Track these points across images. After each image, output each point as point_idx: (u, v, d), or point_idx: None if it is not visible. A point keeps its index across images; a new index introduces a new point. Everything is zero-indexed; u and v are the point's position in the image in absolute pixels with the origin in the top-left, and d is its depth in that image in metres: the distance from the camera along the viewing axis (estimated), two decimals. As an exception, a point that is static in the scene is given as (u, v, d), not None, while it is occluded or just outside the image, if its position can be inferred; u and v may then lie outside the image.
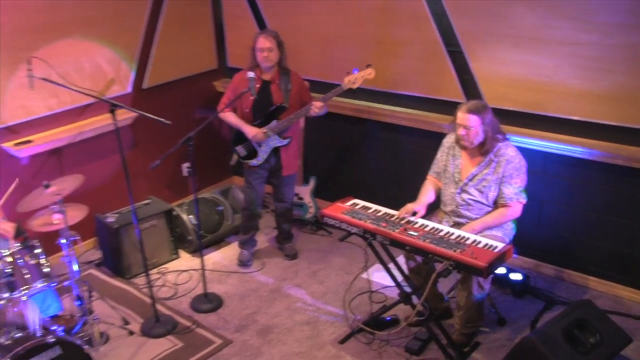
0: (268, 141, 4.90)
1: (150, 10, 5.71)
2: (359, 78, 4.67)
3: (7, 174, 5.05)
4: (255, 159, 4.98)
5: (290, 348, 4.31)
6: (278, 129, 4.85)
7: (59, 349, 3.59)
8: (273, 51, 4.76)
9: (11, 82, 4.93)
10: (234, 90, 4.95)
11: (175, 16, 5.87)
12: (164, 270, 5.42)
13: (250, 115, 4.91)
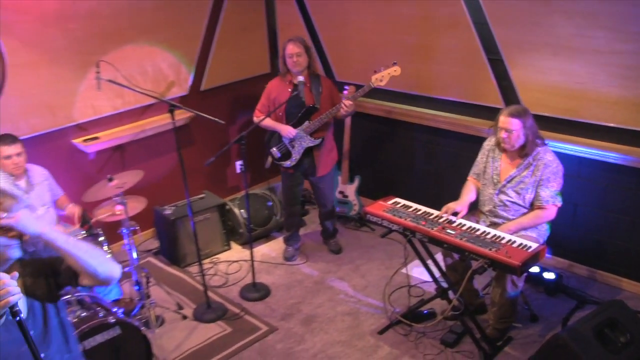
0: (301, 141, 4.92)
1: (209, 18, 5.79)
2: (385, 75, 4.66)
3: (76, 167, 5.21)
4: (289, 160, 5.01)
5: (331, 337, 4.33)
6: (310, 129, 4.87)
7: (118, 329, 3.66)
8: (302, 56, 4.77)
9: (82, 84, 5.07)
10: (268, 96, 4.99)
11: (231, 23, 5.94)
12: (216, 260, 5.50)
13: (284, 117, 4.95)
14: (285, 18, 6.18)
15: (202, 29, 5.78)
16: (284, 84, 4.90)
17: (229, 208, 5.68)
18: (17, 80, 4.73)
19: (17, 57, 4.69)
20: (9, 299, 1.87)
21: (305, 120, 4.87)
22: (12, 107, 4.75)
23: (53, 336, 2.24)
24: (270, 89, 5.01)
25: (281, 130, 4.91)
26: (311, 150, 4.99)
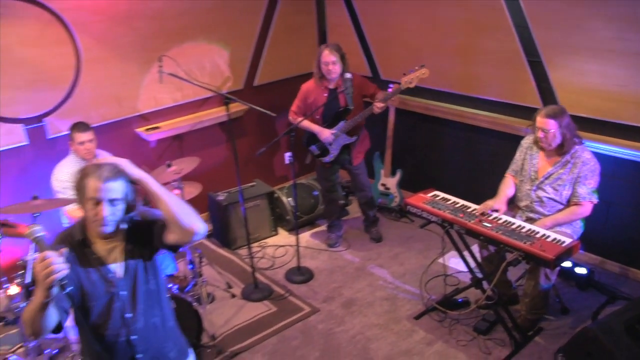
0: (338, 140, 4.94)
1: (263, 19, 5.85)
2: (414, 78, 4.66)
3: (138, 154, 5.33)
4: (328, 156, 5.04)
5: (369, 320, 4.35)
6: (346, 128, 4.89)
7: (172, 303, 3.74)
8: (336, 64, 4.73)
9: (146, 78, 5.19)
10: (304, 99, 4.98)
11: (284, 24, 5.99)
12: (264, 244, 5.57)
13: (321, 120, 4.96)
14: (335, 19, 6.19)
15: (257, 28, 5.84)
16: (319, 89, 4.90)
17: (277, 196, 5.74)
18: (90, 74, 4.88)
19: (91, 53, 4.84)
20: (54, 276, 1.95)
21: (341, 120, 4.89)
22: (85, 98, 4.91)
23: (140, 299, 2.33)
24: (306, 92, 4.99)
25: (319, 133, 4.94)
26: (348, 146, 5.02)
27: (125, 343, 2.33)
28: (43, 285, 1.96)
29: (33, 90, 4.64)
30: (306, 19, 6.23)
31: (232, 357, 4.05)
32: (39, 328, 2.08)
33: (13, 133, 4.65)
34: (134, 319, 2.33)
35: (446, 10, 5.08)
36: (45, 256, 1.96)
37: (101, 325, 2.29)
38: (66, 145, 4.42)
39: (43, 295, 1.99)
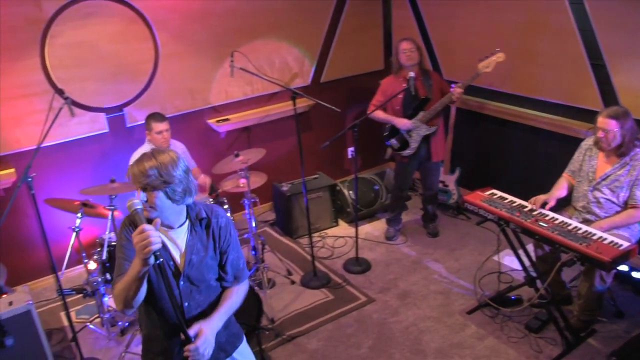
0: (418, 130, 4.91)
1: (331, 18, 5.89)
2: (491, 62, 4.59)
3: (209, 143, 5.48)
4: (408, 148, 5.00)
5: (423, 312, 4.35)
6: (426, 118, 4.85)
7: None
8: (414, 51, 4.79)
9: (218, 73, 5.33)
10: (383, 92, 4.99)
11: (351, 23, 6.00)
12: (324, 235, 5.62)
13: (401, 110, 4.94)
14: (400, 20, 6.15)
15: (325, 27, 5.89)
16: (397, 81, 4.91)
17: (339, 189, 5.77)
18: (166, 67, 5.06)
19: (168, 49, 5.02)
20: (151, 247, 2.03)
21: (420, 110, 4.86)
22: (161, 90, 5.10)
23: (198, 294, 2.39)
24: (385, 86, 5.02)
25: (396, 122, 4.93)
26: (427, 138, 4.98)
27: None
28: (141, 255, 2.05)
29: (115, 82, 4.86)
30: (372, 20, 6.23)
31: (289, 341, 4.12)
32: (131, 301, 2.17)
33: (96, 121, 4.89)
34: (190, 308, 2.38)
35: (510, 13, 4.97)
36: (143, 229, 2.04)
37: (161, 309, 2.35)
38: (142, 133, 4.61)
39: (141, 265, 2.07)
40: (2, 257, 4.42)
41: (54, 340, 4.36)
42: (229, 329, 2.56)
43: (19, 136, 4.56)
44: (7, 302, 3.72)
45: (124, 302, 2.19)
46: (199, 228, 2.39)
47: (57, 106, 4.10)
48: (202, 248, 2.38)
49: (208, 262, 2.39)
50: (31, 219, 4.78)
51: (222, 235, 2.43)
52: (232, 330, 2.60)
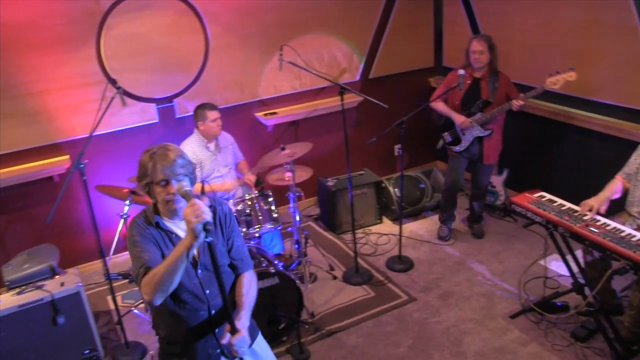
0: (472, 130, 4.79)
1: (381, 14, 5.81)
2: (560, 80, 4.37)
3: (256, 136, 5.50)
4: (459, 145, 4.90)
5: (465, 314, 4.24)
6: (482, 120, 4.72)
7: (277, 279, 3.85)
8: (484, 54, 4.63)
9: (267, 66, 5.33)
10: (447, 85, 4.87)
11: (401, 20, 5.90)
12: (368, 232, 5.56)
13: (459, 107, 4.83)
14: (451, 17, 6.01)
15: (375, 23, 5.81)
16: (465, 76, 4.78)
17: (384, 186, 5.70)
18: (216, 60, 5.09)
19: (218, 41, 5.05)
20: (203, 217, 2.07)
21: (479, 111, 4.74)
22: (210, 82, 5.14)
23: (213, 279, 2.39)
24: (450, 78, 4.90)
25: (455, 118, 4.83)
26: (481, 139, 4.86)
27: (207, 317, 2.42)
28: (191, 225, 2.07)
29: (166, 74, 4.92)
30: (423, 16, 6.11)
31: (329, 336, 4.09)
32: (169, 285, 2.15)
33: (147, 112, 4.97)
34: (212, 295, 2.41)
35: (567, 11, 4.78)
36: (194, 202, 2.09)
37: (184, 302, 2.36)
38: (191, 124, 4.65)
39: (190, 240, 2.10)
40: (55, 240, 4.54)
41: (100, 322, 4.46)
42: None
43: (74, 124, 4.67)
44: (59, 282, 3.87)
45: (160, 287, 2.16)
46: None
47: (109, 96, 4.19)
48: (212, 235, 2.38)
49: (220, 248, 2.45)
50: (82, 205, 4.90)
51: (227, 221, 2.50)
52: (251, 322, 2.63)
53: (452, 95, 4.85)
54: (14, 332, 3.70)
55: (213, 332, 2.45)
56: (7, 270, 3.94)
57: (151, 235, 2.31)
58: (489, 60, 4.68)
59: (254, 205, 4.29)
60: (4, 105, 4.42)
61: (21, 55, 4.37)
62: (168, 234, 2.35)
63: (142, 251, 2.26)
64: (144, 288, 2.19)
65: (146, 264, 2.22)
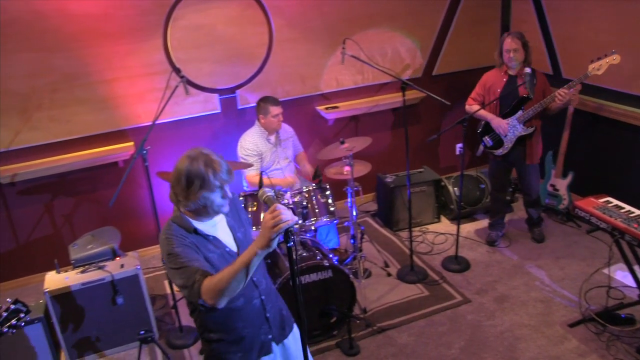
0: (514, 130, 4.60)
1: (447, 10, 5.67)
2: (603, 64, 4.18)
3: (316, 130, 5.48)
4: (501, 148, 4.71)
5: (520, 319, 4.08)
6: (523, 118, 4.53)
7: (330, 272, 3.83)
8: (518, 52, 4.45)
9: (330, 60, 5.30)
10: (483, 85, 4.73)
11: (467, 16, 5.74)
12: (425, 230, 5.46)
13: (498, 106, 4.66)
14: (520, 14, 5.79)
15: (440, 19, 5.68)
16: (499, 75, 4.65)
17: (443, 184, 5.58)
18: (280, 53, 5.10)
19: (282, 34, 5.05)
20: (283, 224, 1.96)
21: (519, 109, 4.56)
22: (273, 74, 5.15)
23: (261, 265, 2.45)
24: (485, 79, 4.77)
25: (492, 121, 4.65)
26: (523, 139, 4.67)
27: (260, 304, 2.43)
28: (269, 233, 1.98)
29: (230, 65, 4.97)
30: (490, 13, 5.91)
31: (379, 332, 4.04)
32: (236, 290, 2.10)
33: (209, 102, 5.03)
34: (259, 281, 2.44)
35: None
36: (276, 207, 2.00)
37: (241, 294, 2.32)
38: (253, 116, 4.68)
39: (263, 244, 2.00)
40: (117, 223, 4.68)
41: (157, 305, 4.56)
42: (285, 304, 2.67)
43: (139, 112, 4.78)
44: (119, 264, 4.00)
45: (228, 293, 2.10)
46: (230, 207, 2.43)
47: (173, 85, 4.25)
48: (239, 224, 2.48)
49: (249, 233, 2.50)
50: (144, 190, 5.03)
51: (237, 203, 2.56)
52: (286, 305, 2.69)
53: (490, 96, 4.67)
54: (78, 308, 3.87)
55: (266, 318, 2.46)
56: (73, 249, 4.10)
57: (191, 243, 2.27)
58: (523, 57, 4.50)
59: (311, 197, 4.27)
60: (78, 92, 4.59)
61: (94, 44, 4.51)
62: (206, 237, 2.33)
63: (190, 260, 2.20)
64: (208, 294, 2.11)
65: (201, 270, 2.16)
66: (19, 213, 4.78)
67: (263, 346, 2.47)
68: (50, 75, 4.47)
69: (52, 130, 4.62)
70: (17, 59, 4.34)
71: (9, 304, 2.32)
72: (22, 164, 4.62)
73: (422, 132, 5.71)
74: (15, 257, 4.86)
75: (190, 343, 4.08)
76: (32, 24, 4.30)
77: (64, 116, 4.60)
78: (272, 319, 2.48)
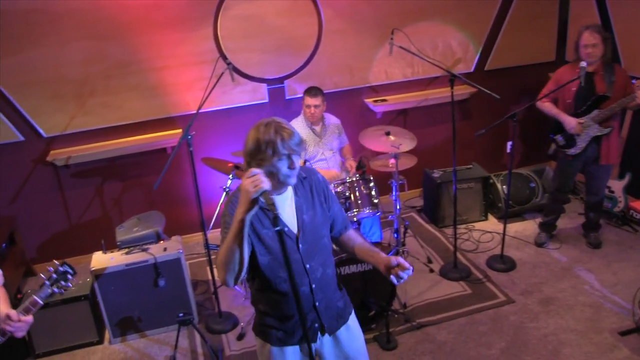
0: (588, 130, 4.32)
1: (501, 4, 5.46)
2: None
3: (364, 123, 5.38)
4: (574, 147, 4.45)
5: (567, 323, 3.89)
6: (599, 118, 4.25)
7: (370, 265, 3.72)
8: (597, 47, 4.12)
9: (379, 52, 5.20)
10: (557, 82, 4.41)
11: (523, 9, 5.51)
12: (471, 228, 5.30)
13: (572, 105, 4.37)
14: (579, 8, 5.53)
15: (494, 12, 5.48)
16: (573, 71, 4.31)
17: (492, 182, 5.40)
18: (329, 44, 5.04)
19: (332, 25, 4.99)
20: (261, 185, 2.00)
21: (595, 108, 4.26)
22: (321, 65, 5.10)
23: (317, 253, 2.37)
24: (559, 75, 4.46)
25: (564, 120, 4.38)
26: (598, 139, 4.37)
27: (309, 292, 2.36)
28: (248, 195, 2.02)
29: (278, 55, 4.95)
30: (547, 7, 5.65)
31: (418, 328, 3.94)
32: (233, 264, 2.12)
33: (257, 91, 5.02)
34: (313, 269, 2.35)
35: None
36: (252, 172, 2.04)
37: (285, 276, 2.31)
38: (299, 106, 4.64)
39: (246, 208, 2.04)
40: (163, 208, 4.74)
41: (198, 290, 4.59)
42: (345, 297, 2.57)
43: (188, 100, 4.82)
44: (163, 247, 4.05)
45: (225, 267, 2.13)
46: (302, 188, 2.39)
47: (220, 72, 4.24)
48: (309, 206, 2.38)
49: (319, 218, 2.40)
50: (189, 177, 5.07)
51: (323, 188, 2.46)
52: (346, 297, 2.59)
53: (564, 93, 4.39)
54: (121, 288, 3.94)
55: (314, 306, 2.40)
56: (120, 231, 4.18)
57: None
58: (602, 53, 4.18)
59: (354, 188, 4.19)
60: (129, 79, 4.66)
61: (146, 33, 4.57)
62: (266, 212, 2.28)
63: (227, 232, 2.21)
64: (217, 270, 2.18)
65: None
66: (72, 194, 4.91)
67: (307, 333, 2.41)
68: (104, 62, 4.56)
69: (105, 116, 4.71)
70: (73, 47, 4.45)
71: (57, 266, 2.38)
72: (76, 148, 4.75)
73: (473, 128, 5.51)
74: (67, 237, 5.01)
75: (229, 329, 4.08)
76: (87, 14, 4.40)
77: (115, 102, 4.69)
78: (321, 309, 2.41)
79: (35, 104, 4.54)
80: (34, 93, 4.49)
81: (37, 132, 4.65)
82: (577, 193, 5.65)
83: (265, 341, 2.45)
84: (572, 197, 5.60)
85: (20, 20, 4.27)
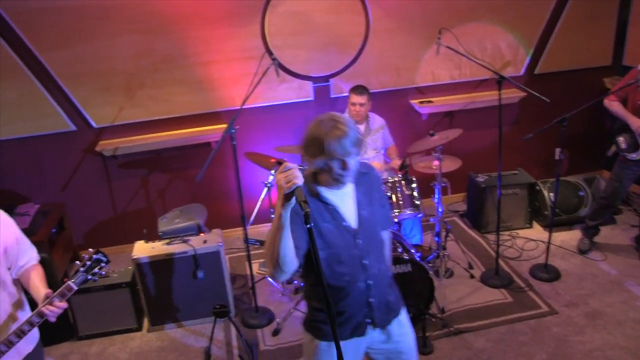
0: None
1: (556, 3, 5.25)
2: None
3: (409, 124, 5.31)
4: (636, 152, 4.22)
5: (614, 339, 3.68)
6: None
7: (409, 267, 3.67)
8: None
9: (427, 53, 5.09)
10: (627, 79, 4.19)
11: (578, 10, 5.28)
12: (515, 235, 5.12)
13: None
14: (641, 8, 5.27)
15: (547, 13, 5.27)
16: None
17: (538, 189, 5.21)
18: (376, 43, 4.96)
19: (379, 24, 4.90)
20: (294, 180, 1.91)
21: None
22: (368, 64, 5.02)
23: (374, 248, 2.33)
24: (632, 74, 4.19)
25: (632, 123, 4.16)
26: None
27: (365, 287, 2.32)
28: (282, 190, 1.95)
29: (325, 53, 4.90)
30: (605, 7, 5.39)
31: (456, 334, 3.82)
32: (277, 259, 2.06)
33: (303, 89, 4.99)
34: (370, 265, 2.31)
35: None
36: (286, 167, 1.96)
37: (342, 271, 2.27)
38: (344, 105, 4.59)
39: (282, 203, 1.97)
40: (205, 201, 4.75)
41: (236, 284, 4.59)
42: (395, 291, 2.51)
43: (233, 95, 4.82)
44: (202, 240, 4.06)
45: (271, 262, 2.09)
46: (362, 184, 2.34)
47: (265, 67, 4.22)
48: (368, 202, 2.34)
49: (376, 215, 2.36)
50: (232, 171, 5.07)
51: (380, 186, 2.45)
52: (397, 292, 2.53)
53: (634, 95, 4.15)
54: (161, 277, 3.98)
55: (368, 302, 2.35)
56: (162, 222, 4.21)
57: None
58: None
59: (396, 188, 4.09)
60: (176, 73, 4.70)
61: (193, 27, 4.60)
62: (327, 206, 2.25)
63: None
64: (267, 266, 2.14)
65: None
66: (118, 185, 4.99)
67: (358, 327, 2.38)
68: (152, 56, 4.60)
69: (152, 109, 4.76)
70: (123, 40, 4.52)
71: (91, 254, 2.40)
72: (123, 139, 4.82)
73: (521, 133, 5.28)
74: (112, 226, 5.09)
75: (265, 324, 4.05)
76: (137, 8, 4.46)
77: (162, 95, 4.73)
78: (375, 304, 2.36)
79: (87, 95, 4.64)
80: (85, 84, 4.59)
81: (87, 123, 4.74)
82: (630, 204, 5.38)
83: (316, 337, 2.40)
84: (625, 208, 5.35)
85: (74, 15, 4.36)
